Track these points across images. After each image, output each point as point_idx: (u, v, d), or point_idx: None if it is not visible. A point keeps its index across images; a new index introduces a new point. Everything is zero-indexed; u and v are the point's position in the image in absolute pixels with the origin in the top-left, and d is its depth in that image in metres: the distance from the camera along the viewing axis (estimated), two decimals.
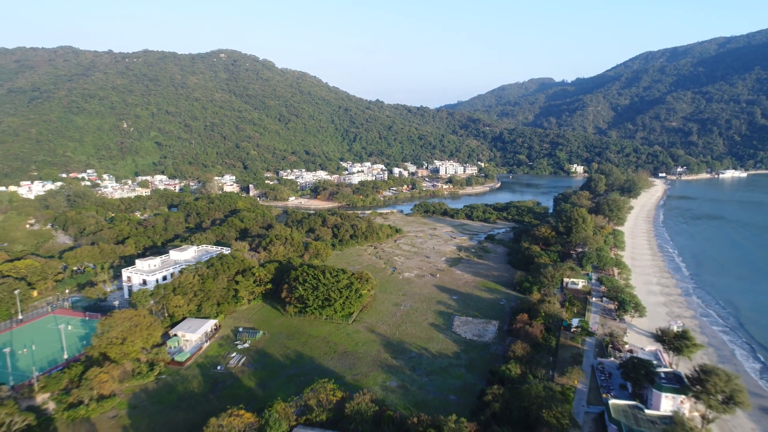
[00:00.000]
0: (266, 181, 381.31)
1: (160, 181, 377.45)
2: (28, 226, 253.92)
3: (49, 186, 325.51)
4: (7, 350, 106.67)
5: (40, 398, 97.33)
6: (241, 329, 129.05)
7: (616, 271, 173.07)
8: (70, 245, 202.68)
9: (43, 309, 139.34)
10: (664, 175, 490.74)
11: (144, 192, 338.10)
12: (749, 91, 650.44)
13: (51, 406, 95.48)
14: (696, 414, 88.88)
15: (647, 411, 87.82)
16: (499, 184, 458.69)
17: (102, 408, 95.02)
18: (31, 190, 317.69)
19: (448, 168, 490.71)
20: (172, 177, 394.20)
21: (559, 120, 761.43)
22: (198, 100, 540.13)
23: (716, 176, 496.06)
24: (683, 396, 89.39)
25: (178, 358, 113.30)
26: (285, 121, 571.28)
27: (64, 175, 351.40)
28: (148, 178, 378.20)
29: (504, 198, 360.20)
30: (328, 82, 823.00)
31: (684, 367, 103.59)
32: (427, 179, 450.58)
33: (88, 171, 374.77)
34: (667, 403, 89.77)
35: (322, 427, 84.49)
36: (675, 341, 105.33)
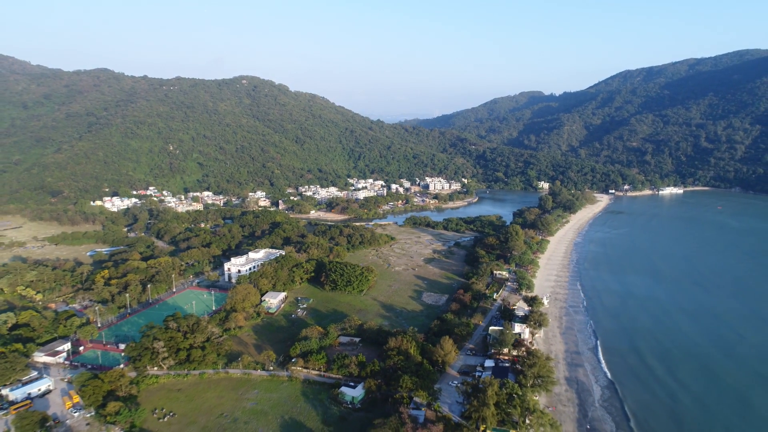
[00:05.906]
0: (291, 197, 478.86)
1: (207, 196, 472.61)
2: (126, 234, 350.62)
3: (126, 201, 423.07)
4: (192, 303, 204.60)
5: (209, 328, 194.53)
6: (299, 298, 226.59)
7: (530, 267, 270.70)
8: (171, 249, 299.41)
9: (182, 286, 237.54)
10: (613, 191, 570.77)
11: (197, 206, 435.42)
12: (701, 115, 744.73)
13: (215, 330, 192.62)
14: (529, 333, 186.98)
15: (506, 331, 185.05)
16: (476, 199, 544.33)
17: (241, 331, 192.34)
18: (113, 204, 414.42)
19: (436, 184, 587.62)
20: (216, 193, 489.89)
21: (538, 138, 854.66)
22: (229, 125, 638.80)
23: (657, 193, 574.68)
24: (524, 324, 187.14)
25: (270, 311, 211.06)
26: (301, 142, 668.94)
27: (134, 192, 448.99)
28: (198, 194, 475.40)
29: (479, 211, 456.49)
30: (335, 102, 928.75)
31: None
32: (418, 194, 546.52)
33: (151, 188, 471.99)
34: (518, 328, 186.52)
35: (351, 336, 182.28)
36: (531, 302, 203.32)
